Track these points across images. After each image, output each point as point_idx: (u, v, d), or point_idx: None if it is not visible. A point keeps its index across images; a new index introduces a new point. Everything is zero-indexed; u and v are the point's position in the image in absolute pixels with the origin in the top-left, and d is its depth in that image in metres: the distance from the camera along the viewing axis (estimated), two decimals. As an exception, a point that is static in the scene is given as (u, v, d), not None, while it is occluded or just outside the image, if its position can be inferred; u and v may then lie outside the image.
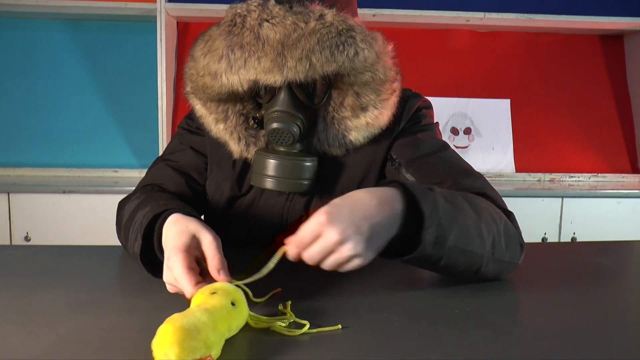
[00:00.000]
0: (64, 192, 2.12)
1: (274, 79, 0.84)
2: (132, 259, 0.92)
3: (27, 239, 2.12)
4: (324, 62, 0.83)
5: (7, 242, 2.11)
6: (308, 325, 0.65)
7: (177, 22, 2.59)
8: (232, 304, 0.62)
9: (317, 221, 0.67)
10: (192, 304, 0.63)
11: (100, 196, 2.13)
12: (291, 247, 0.69)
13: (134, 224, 0.85)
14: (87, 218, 2.12)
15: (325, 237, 0.67)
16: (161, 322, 0.56)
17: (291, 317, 0.67)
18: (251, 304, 0.69)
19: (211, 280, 0.69)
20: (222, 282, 0.67)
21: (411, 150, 0.98)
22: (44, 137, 2.55)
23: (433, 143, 0.99)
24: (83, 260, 0.95)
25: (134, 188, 1.06)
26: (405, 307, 0.73)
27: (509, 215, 0.88)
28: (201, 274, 0.71)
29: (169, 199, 0.92)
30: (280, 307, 0.70)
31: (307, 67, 0.82)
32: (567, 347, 0.62)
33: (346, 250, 0.67)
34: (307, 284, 0.80)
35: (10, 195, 2.10)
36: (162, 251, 0.76)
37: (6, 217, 2.10)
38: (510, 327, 0.69)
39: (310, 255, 0.68)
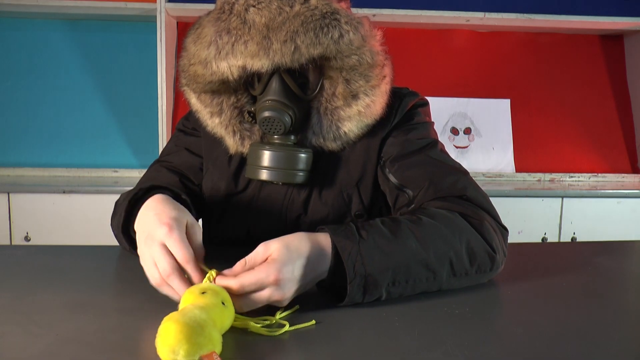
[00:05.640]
0: (63, 192, 2.12)
1: (261, 63, 0.84)
2: (132, 258, 0.92)
3: (27, 239, 2.12)
4: (308, 44, 0.84)
5: (7, 242, 2.11)
6: (287, 326, 0.64)
7: (177, 22, 2.59)
8: (222, 303, 0.62)
9: (266, 276, 0.65)
10: (183, 303, 0.63)
11: (100, 196, 2.13)
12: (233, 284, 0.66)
13: (120, 205, 0.88)
14: (87, 218, 2.12)
15: (268, 295, 0.66)
16: (161, 322, 0.56)
17: (273, 319, 0.67)
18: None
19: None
20: (207, 283, 0.67)
21: (397, 149, 0.98)
22: (44, 137, 2.55)
23: (420, 141, 0.98)
24: (83, 260, 0.95)
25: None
26: (405, 307, 0.73)
27: (485, 217, 0.84)
28: None
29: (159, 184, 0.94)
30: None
31: (292, 49, 0.83)
32: (567, 347, 0.62)
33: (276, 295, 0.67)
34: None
35: (10, 195, 2.10)
36: (133, 228, 0.77)
37: (6, 217, 2.10)
38: (510, 327, 0.69)
39: (248, 303, 0.66)
